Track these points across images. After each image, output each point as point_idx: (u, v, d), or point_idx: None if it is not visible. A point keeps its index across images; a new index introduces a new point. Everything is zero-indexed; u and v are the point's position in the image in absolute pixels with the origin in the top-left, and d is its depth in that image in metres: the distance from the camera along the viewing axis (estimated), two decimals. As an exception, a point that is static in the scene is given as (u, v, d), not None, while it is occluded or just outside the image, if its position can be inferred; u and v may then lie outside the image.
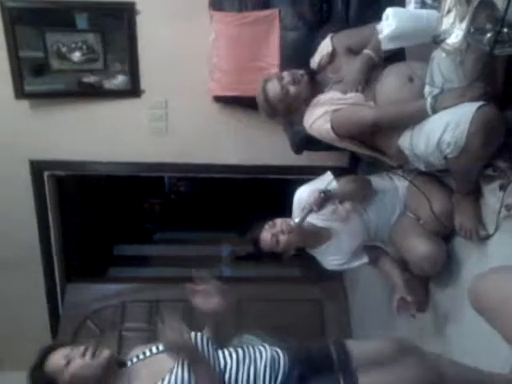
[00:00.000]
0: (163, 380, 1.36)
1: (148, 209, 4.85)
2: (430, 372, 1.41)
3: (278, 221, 1.99)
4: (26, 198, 3.11)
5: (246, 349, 1.51)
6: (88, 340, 1.48)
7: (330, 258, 2.09)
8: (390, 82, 1.75)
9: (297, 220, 1.96)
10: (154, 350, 1.49)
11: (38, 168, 3.04)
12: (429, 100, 1.58)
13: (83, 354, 1.37)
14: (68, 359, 1.37)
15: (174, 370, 1.38)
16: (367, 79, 1.81)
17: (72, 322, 3.34)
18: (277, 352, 1.50)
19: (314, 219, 2.02)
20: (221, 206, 4.43)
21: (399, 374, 1.41)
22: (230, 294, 1.55)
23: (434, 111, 1.57)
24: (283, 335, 2.84)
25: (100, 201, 4.05)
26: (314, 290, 3.51)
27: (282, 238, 1.95)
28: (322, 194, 1.85)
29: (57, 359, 1.38)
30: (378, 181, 2.06)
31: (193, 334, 1.50)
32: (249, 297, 3.43)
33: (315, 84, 1.93)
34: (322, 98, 1.88)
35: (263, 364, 1.45)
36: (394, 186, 2.03)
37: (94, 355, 1.38)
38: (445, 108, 1.55)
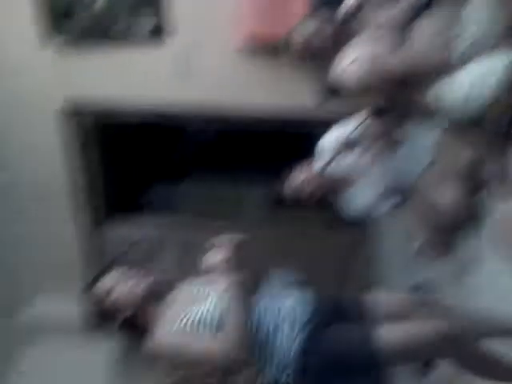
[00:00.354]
0: (200, 304, 1.46)
1: (177, 155, 4.92)
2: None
3: (304, 168, 2.01)
4: (58, 142, 3.24)
5: (268, 299, 1.58)
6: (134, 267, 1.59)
7: (354, 203, 2.11)
8: (422, 33, 1.68)
9: (321, 166, 1.98)
10: (196, 282, 1.60)
11: (68, 114, 3.13)
12: (460, 50, 1.53)
13: (130, 279, 1.53)
14: (117, 281, 1.53)
15: (210, 298, 1.47)
16: (404, 34, 1.74)
17: (112, 254, 3.55)
18: (298, 300, 1.57)
19: (342, 163, 2.03)
20: (248, 152, 4.46)
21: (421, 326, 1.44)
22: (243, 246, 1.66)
23: (465, 62, 1.52)
24: (307, 280, 2.99)
25: (130, 145, 4.14)
26: (337, 237, 3.57)
27: (308, 187, 1.98)
28: (347, 140, 1.84)
29: (105, 282, 1.55)
30: (407, 128, 2.03)
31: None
32: (274, 242, 3.54)
33: (348, 28, 1.88)
34: (353, 43, 1.84)
35: (288, 307, 1.53)
36: (422, 135, 2.01)
37: (138, 281, 1.53)
38: (475, 59, 1.49)
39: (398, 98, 1.84)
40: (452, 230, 2.07)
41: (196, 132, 4.90)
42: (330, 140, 2.01)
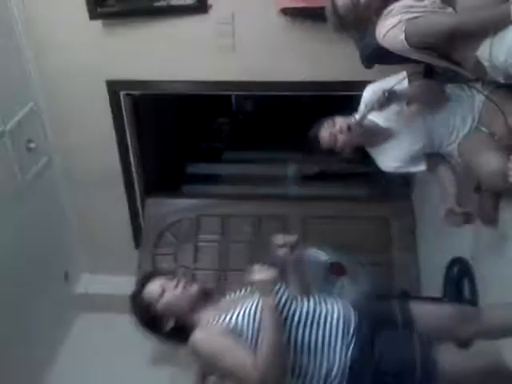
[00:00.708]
0: (235, 310, 1.48)
1: (216, 128, 4.95)
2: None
3: (338, 120, 1.98)
4: (104, 117, 3.28)
5: (319, 304, 1.56)
6: (182, 274, 1.63)
7: (388, 158, 2.07)
8: None
9: (357, 117, 1.95)
10: (244, 291, 1.61)
11: (114, 88, 3.17)
12: (513, 4, 1.46)
13: (176, 286, 1.55)
14: (163, 289, 1.54)
15: (246, 304, 1.50)
16: None
17: (152, 233, 3.61)
18: (347, 306, 1.56)
19: (377, 118, 2.00)
20: (287, 125, 4.42)
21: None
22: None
23: (519, 17, 1.45)
24: (349, 251, 2.98)
25: (172, 120, 4.18)
26: (380, 208, 3.53)
27: (341, 137, 1.96)
28: (387, 94, 1.81)
29: (154, 288, 1.56)
30: (453, 90, 1.96)
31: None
32: (315, 215, 3.53)
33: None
34: (395, 6, 1.77)
35: (336, 315, 1.51)
36: (470, 98, 1.93)
37: (184, 288, 1.55)
38: None
39: (446, 57, 1.78)
40: (495, 199, 2.02)
41: (237, 103, 4.90)
42: (372, 90, 1.98)
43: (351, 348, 1.45)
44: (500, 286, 2.00)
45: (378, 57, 2.23)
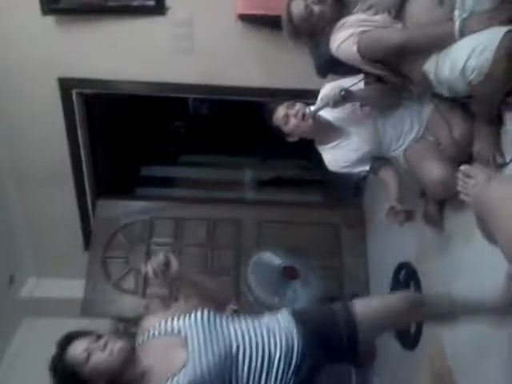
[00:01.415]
0: (178, 375, 1.36)
1: (172, 131, 4.91)
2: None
3: (298, 105, 2.02)
4: (56, 115, 3.19)
5: (259, 331, 1.47)
6: (103, 332, 1.48)
7: (335, 157, 2.13)
8: (420, 4, 1.70)
9: (312, 108, 1.99)
10: (163, 329, 1.48)
11: (66, 86, 3.09)
12: (457, 23, 1.54)
13: (102, 349, 1.39)
14: (88, 352, 1.39)
15: (188, 364, 1.38)
16: (401, 5, 1.75)
17: (103, 235, 3.53)
18: (291, 334, 1.47)
19: (330, 115, 2.06)
20: (244, 130, 4.46)
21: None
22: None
23: (462, 35, 1.54)
24: (302, 255, 3.03)
25: (127, 121, 4.12)
26: (332, 215, 3.60)
27: (293, 121, 2.00)
28: (342, 92, 1.87)
29: (78, 352, 1.40)
30: (404, 96, 2.03)
31: (199, 314, 1.48)
32: (269, 220, 3.57)
33: (341, 5, 1.88)
34: (348, 19, 1.84)
35: (278, 352, 1.43)
36: (418, 106, 2.02)
37: (112, 350, 1.39)
38: (473, 32, 1.51)
39: (395, 70, 1.85)
40: (439, 204, 2.12)
41: (194, 107, 4.88)
42: (330, 88, 2.03)
43: (292, 380, 1.43)
44: (444, 287, 2.09)
45: (332, 67, 2.29)
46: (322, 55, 2.25)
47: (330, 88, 2.02)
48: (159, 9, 2.76)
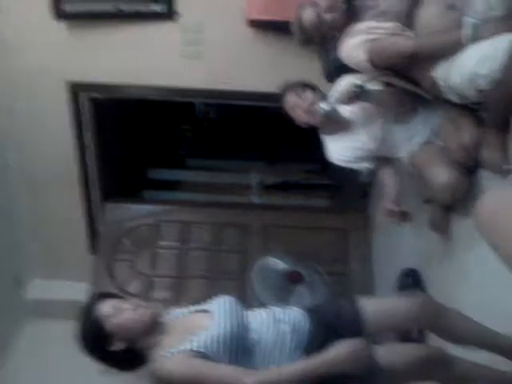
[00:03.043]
0: (199, 336, 1.43)
1: (180, 135, 4.93)
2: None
3: (308, 94, 2.01)
4: (64, 119, 3.22)
5: (272, 312, 1.57)
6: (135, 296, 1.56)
7: (339, 150, 2.12)
8: (431, 10, 1.70)
9: (322, 105, 1.98)
10: (190, 309, 1.60)
11: (75, 89, 3.11)
12: (468, 30, 1.55)
13: (132, 309, 1.50)
14: (116, 310, 1.50)
15: (210, 327, 1.45)
16: (412, 11, 1.76)
17: (109, 239, 3.53)
18: (300, 317, 1.55)
19: (341, 108, 2.05)
20: (251, 135, 4.47)
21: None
22: None
23: (472, 41, 1.55)
24: (307, 260, 3.03)
25: (135, 125, 4.14)
26: (339, 220, 3.60)
27: (300, 113, 1.99)
28: (356, 89, 1.86)
29: (107, 307, 1.51)
30: (417, 101, 2.02)
31: (226, 297, 1.58)
32: (275, 224, 3.57)
33: (352, 12, 1.89)
34: (359, 26, 1.85)
35: (289, 328, 1.51)
36: (429, 111, 2.02)
37: (139, 311, 1.50)
38: (483, 39, 1.52)
39: (405, 77, 1.86)
40: (445, 210, 2.11)
41: (201, 110, 4.90)
42: (345, 81, 2.02)
43: (302, 357, 1.47)
44: (450, 295, 2.09)
45: (341, 73, 2.30)
46: (332, 61, 2.27)
47: (345, 83, 2.00)
48: (169, 14, 2.78)
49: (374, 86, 1.94)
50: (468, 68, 1.54)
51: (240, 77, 2.95)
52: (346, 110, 2.05)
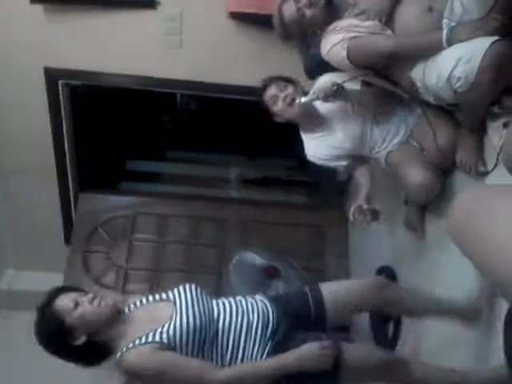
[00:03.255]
0: (163, 327, 1.44)
1: (160, 126, 4.87)
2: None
3: (289, 88, 2.02)
4: (41, 105, 3.15)
5: (238, 301, 1.59)
6: (92, 289, 1.56)
7: (316, 148, 2.13)
8: (410, 11, 1.72)
9: (303, 99, 1.98)
10: (151, 298, 1.58)
11: (52, 76, 3.04)
12: (445, 32, 1.56)
13: (90, 301, 1.48)
14: (76, 303, 1.48)
15: (173, 317, 1.46)
16: (392, 11, 1.76)
17: (84, 229, 3.49)
18: (266, 305, 1.58)
19: (320, 106, 2.05)
20: (232, 128, 4.45)
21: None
22: None
23: (450, 44, 1.56)
24: (284, 256, 3.04)
25: (113, 115, 4.07)
26: (316, 216, 3.62)
27: (280, 105, 2.00)
28: (335, 87, 1.86)
29: (66, 301, 1.48)
30: (394, 101, 2.05)
31: (187, 285, 1.58)
32: (253, 219, 3.57)
33: (333, 9, 1.88)
34: (339, 24, 1.84)
35: (255, 317, 1.53)
36: (407, 112, 2.04)
37: (99, 303, 1.49)
38: (460, 41, 1.53)
39: (384, 76, 1.87)
40: (420, 209, 2.14)
41: (182, 102, 4.86)
42: (325, 78, 2.02)
43: (267, 347, 1.50)
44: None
45: (322, 69, 2.30)
46: (312, 58, 2.27)
47: (327, 79, 2.01)
48: (150, 2, 2.74)
49: (353, 86, 1.95)
50: (445, 69, 1.56)
51: (221, 69, 2.93)
52: (323, 108, 2.06)
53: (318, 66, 2.31)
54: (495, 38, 1.46)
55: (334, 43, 1.83)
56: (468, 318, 1.70)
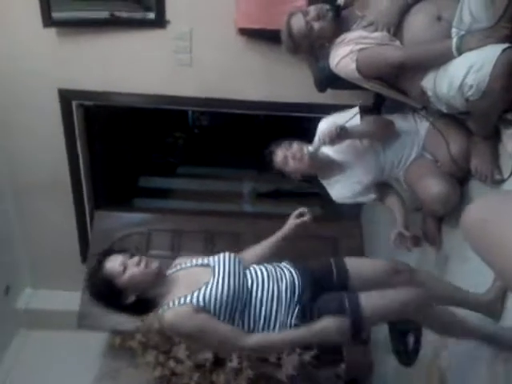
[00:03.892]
0: (199, 290, 1.53)
1: (171, 142, 4.92)
2: (419, 294, 1.60)
3: (295, 146, 2.03)
4: (55, 126, 3.20)
5: (269, 269, 1.67)
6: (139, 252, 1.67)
7: (340, 191, 2.15)
8: (419, 21, 1.71)
9: (310, 148, 2.00)
10: (194, 262, 1.68)
11: (66, 97, 3.11)
12: (454, 41, 1.56)
13: (138, 263, 1.57)
14: (124, 266, 1.57)
15: (210, 283, 1.55)
16: (400, 21, 1.77)
17: (100, 247, 3.48)
18: (291, 272, 1.67)
19: (329, 151, 2.06)
20: (243, 143, 4.47)
21: (392, 297, 1.60)
22: None
23: (460, 52, 1.55)
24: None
25: (126, 132, 4.12)
26: (330, 228, 3.59)
27: (292, 163, 2.02)
28: (338, 130, 1.87)
29: (115, 264, 1.57)
30: (400, 121, 2.06)
31: (227, 254, 1.68)
32: (267, 232, 3.54)
33: (341, 21, 1.89)
34: (348, 36, 1.85)
35: (284, 284, 1.62)
36: (415, 127, 2.04)
37: (146, 265, 1.58)
38: (470, 49, 1.53)
39: (394, 87, 1.87)
40: (437, 221, 2.12)
41: (193, 118, 4.90)
42: (326, 124, 2.03)
43: (296, 310, 1.59)
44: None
45: (332, 81, 2.31)
46: (322, 70, 2.28)
47: (325, 126, 2.02)
48: (159, 22, 2.78)
49: (353, 122, 1.96)
50: (456, 78, 1.55)
51: (231, 85, 2.96)
52: (332, 151, 2.07)
53: (327, 79, 2.32)
54: (506, 45, 1.45)
55: (343, 55, 1.84)
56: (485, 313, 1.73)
